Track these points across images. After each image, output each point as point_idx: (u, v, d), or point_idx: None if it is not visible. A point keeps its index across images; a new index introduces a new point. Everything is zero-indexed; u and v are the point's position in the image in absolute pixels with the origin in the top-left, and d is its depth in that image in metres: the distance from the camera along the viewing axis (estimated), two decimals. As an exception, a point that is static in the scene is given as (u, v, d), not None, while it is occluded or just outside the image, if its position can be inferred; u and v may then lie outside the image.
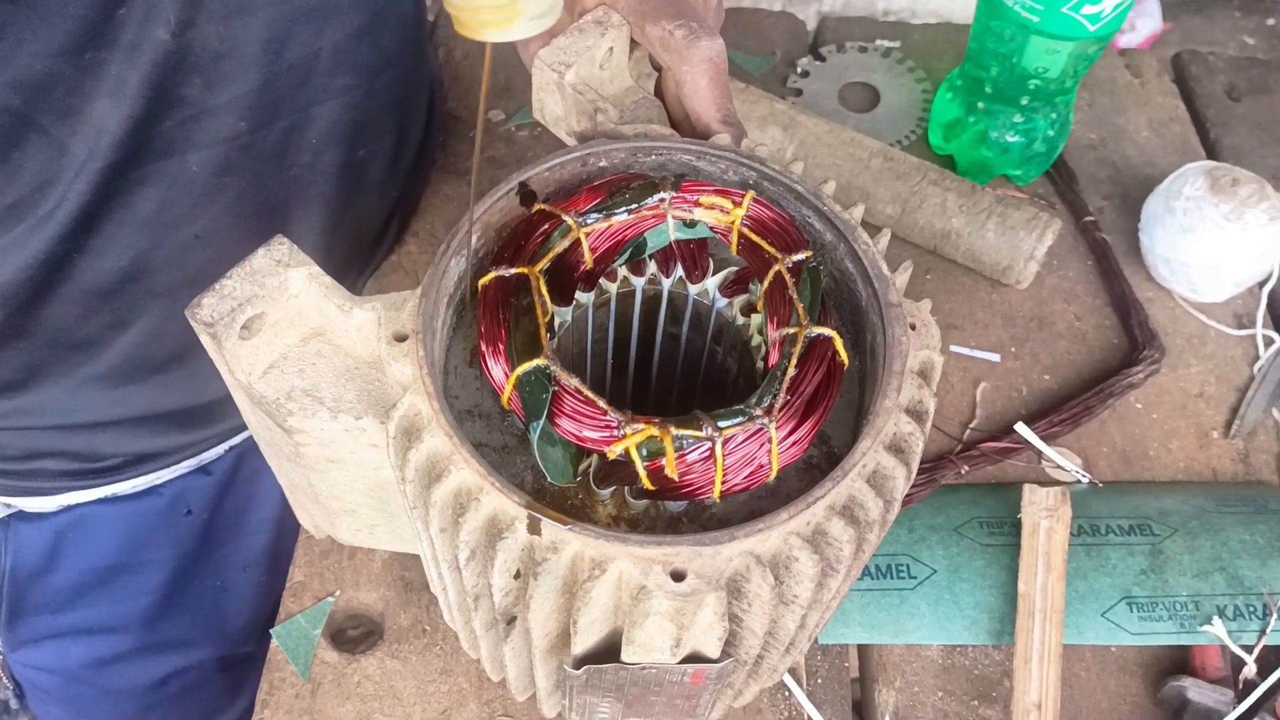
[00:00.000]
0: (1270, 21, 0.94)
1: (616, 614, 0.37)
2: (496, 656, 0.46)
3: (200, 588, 0.74)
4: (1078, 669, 0.58)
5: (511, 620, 0.40)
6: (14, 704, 0.75)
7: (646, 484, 0.38)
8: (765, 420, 0.37)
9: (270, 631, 0.57)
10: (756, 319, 0.44)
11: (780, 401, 0.38)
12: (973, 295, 0.74)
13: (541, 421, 0.38)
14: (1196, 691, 0.55)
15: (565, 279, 0.42)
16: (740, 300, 0.45)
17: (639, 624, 0.35)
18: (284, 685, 0.56)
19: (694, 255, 0.46)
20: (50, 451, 0.66)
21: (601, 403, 0.38)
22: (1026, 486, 0.59)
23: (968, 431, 0.67)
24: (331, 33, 0.58)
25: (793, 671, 0.57)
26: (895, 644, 0.58)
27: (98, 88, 0.50)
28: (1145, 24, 0.94)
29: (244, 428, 0.72)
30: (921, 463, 0.64)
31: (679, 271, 0.46)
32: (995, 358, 0.71)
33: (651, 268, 0.46)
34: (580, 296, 0.44)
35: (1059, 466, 0.65)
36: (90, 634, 0.72)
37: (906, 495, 0.61)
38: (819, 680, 0.57)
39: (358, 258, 0.73)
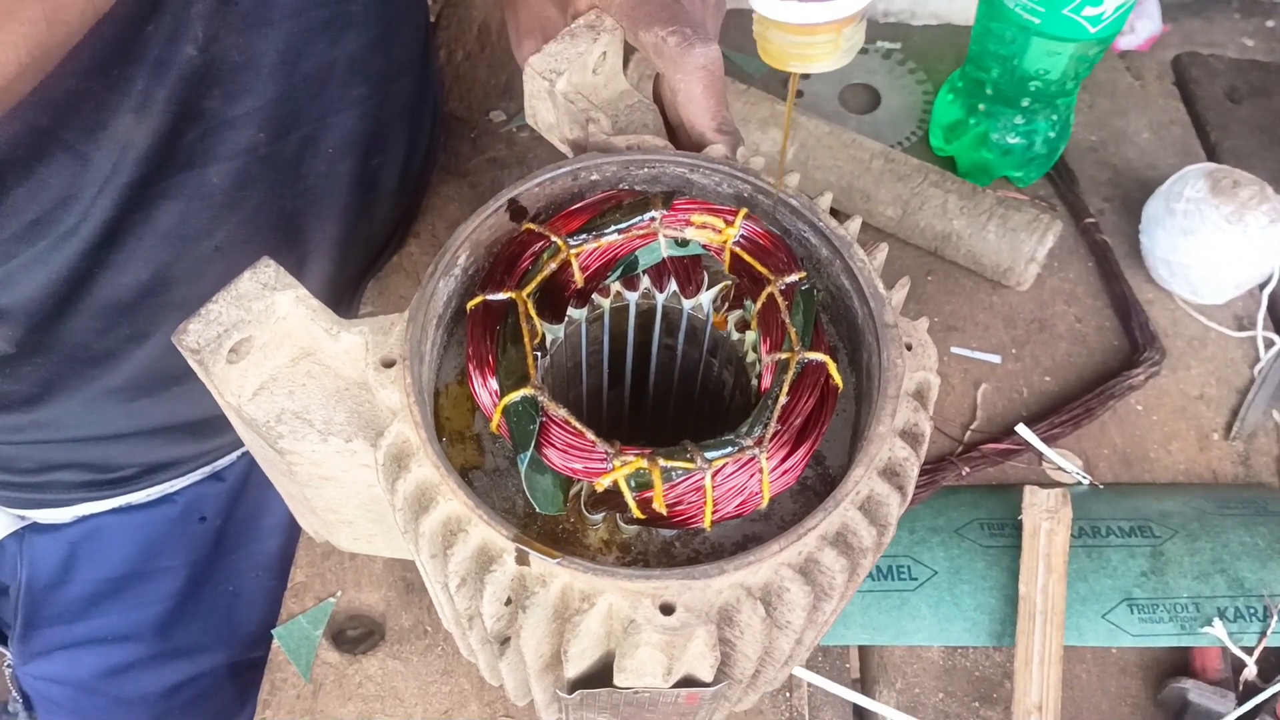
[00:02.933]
0: (1270, 24, 0.94)
1: (609, 639, 0.36)
2: (494, 668, 0.46)
3: (213, 593, 0.74)
4: (1078, 670, 0.58)
5: (505, 641, 0.40)
6: (22, 716, 0.75)
7: (637, 514, 0.37)
8: (756, 450, 0.37)
9: (272, 632, 0.57)
10: (751, 336, 0.44)
11: (771, 431, 0.37)
12: (973, 297, 0.74)
13: (529, 453, 0.37)
14: (1197, 693, 0.55)
15: (556, 297, 0.42)
16: (735, 316, 0.45)
17: (630, 654, 0.35)
18: (285, 686, 0.56)
19: (687, 270, 0.45)
20: (65, 464, 0.66)
21: (590, 434, 0.37)
22: (1027, 488, 0.59)
23: (968, 433, 0.67)
24: (347, 44, 0.58)
25: (792, 675, 0.57)
26: (896, 645, 0.58)
27: (124, 103, 0.50)
28: (1145, 26, 0.94)
29: None
30: (922, 464, 0.64)
31: (673, 286, 0.45)
32: (996, 359, 0.71)
33: (645, 283, 0.46)
34: (573, 313, 0.44)
35: (1060, 468, 0.65)
36: (103, 643, 0.72)
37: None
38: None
39: (368, 264, 0.73)
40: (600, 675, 0.38)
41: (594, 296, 0.45)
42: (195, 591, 0.73)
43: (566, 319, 0.43)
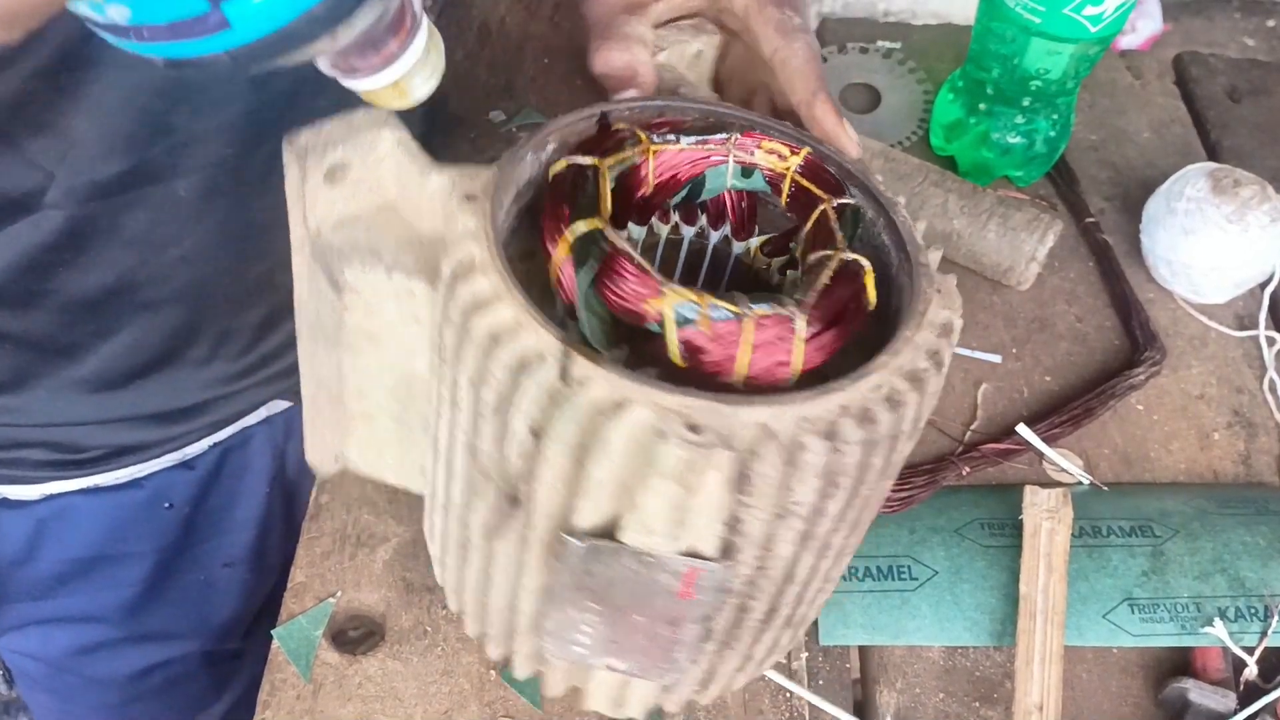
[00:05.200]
0: (1271, 23, 0.94)
1: (621, 494, 0.37)
2: (483, 582, 0.46)
3: (183, 582, 0.74)
4: (1079, 670, 0.58)
5: (515, 501, 0.41)
6: (4, 689, 0.76)
7: (674, 354, 0.38)
8: (795, 310, 0.39)
9: (271, 632, 0.57)
10: (793, 275, 0.46)
11: (811, 299, 0.39)
12: (974, 296, 0.74)
13: (589, 272, 0.39)
14: (1198, 693, 0.55)
15: (624, 202, 0.44)
16: (779, 261, 0.47)
17: (645, 481, 0.36)
18: (285, 686, 0.56)
19: (743, 215, 0.48)
20: (32, 442, 0.67)
21: (647, 265, 0.39)
22: (1028, 488, 0.59)
23: (969, 433, 0.67)
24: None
25: (793, 674, 0.57)
26: (896, 645, 0.58)
27: (75, 107, 0.50)
28: (1146, 25, 0.94)
29: (227, 423, 0.72)
30: (922, 464, 0.64)
31: (726, 229, 0.48)
32: (996, 359, 0.71)
33: (702, 220, 0.48)
34: (633, 228, 0.46)
35: (1060, 468, 0.65)
36: (73, 622, 0.73)
37: (908, 497, 0.61)
38: (820, 681, 0.57)
39: None
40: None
41: (653, 221, 0.47)
42: (164, 578, 0.73)
43: (626, 233, 0.45)
